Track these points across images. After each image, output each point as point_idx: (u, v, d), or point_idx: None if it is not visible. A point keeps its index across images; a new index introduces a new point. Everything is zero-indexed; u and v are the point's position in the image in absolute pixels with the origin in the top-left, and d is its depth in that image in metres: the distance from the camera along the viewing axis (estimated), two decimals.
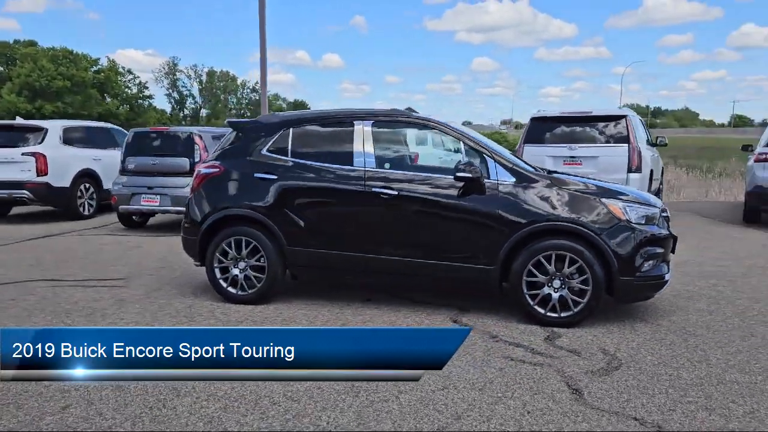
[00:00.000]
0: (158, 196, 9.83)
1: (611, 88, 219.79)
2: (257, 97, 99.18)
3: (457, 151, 5.57)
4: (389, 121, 5.71)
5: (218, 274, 5.82)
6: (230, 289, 5.80)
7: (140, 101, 66.62)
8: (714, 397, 3.80)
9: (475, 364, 4.30)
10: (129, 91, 65.24)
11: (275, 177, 5.68)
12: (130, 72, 66.36)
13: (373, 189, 5.42)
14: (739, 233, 10.34)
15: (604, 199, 5.13)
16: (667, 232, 5.29)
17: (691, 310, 5.62)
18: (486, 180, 5.23)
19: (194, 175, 6.05)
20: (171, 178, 9.82)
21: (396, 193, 5.37)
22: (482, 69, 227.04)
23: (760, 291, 6.38)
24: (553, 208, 5.10)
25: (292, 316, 5.41)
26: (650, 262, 5.10)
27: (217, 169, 5.89)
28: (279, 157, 5.76)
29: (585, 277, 5.02)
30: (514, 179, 5.23)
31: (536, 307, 5.14)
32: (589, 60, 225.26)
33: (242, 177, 5.79)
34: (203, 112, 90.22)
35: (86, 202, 11.81)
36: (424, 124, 5.68)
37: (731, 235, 10.24)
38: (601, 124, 10.23)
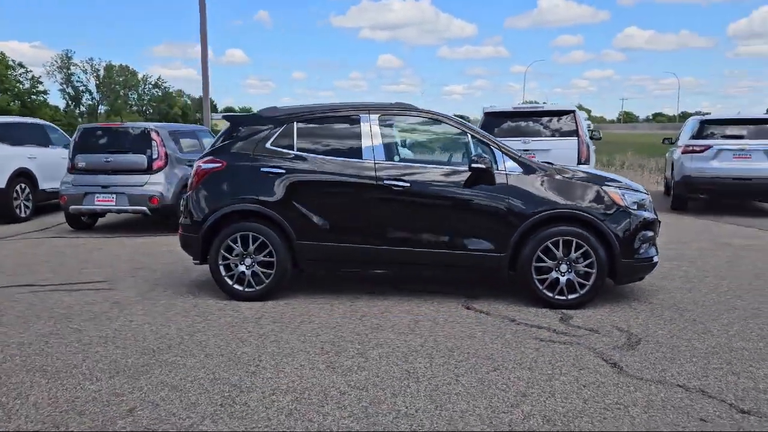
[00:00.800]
0: (114, 195, 9.40)
1: (511, 87, 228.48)
2: (160, 93, 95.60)
3: (464, 143, 5.75)
4: (395, 114, 5.82)
5: (223, 272, 5.72)
6: (236, 286, 5.71)
7: (33, 97, 62.44)
8: (733, 362, 4.20)
9: (511, 346, 4.51)
10: (21, 86, 60.98)
11: (283, 171, 5.65)
12: (21, 65, 62.11)
13: (385, 181, 5.51)
14: (672, 220, 11.17)
15: (604, 187, 5.49)
16: (655, 216, 5.73)
17: (672, 289, 6.11)
18: (495, 171, 5.46)
19: (193, 171, 5.89)
20: (128, 176, 9.41)
21: (408, 185, 5.50)
22: (387, 66, 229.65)
23: (720, 269, 7.02)
24: (560, 196, 5.40)
25: (308, 311, 5.42)
26: (645, 245, 5.52)
27: (219, 164, 5.77)
28: (285, 151, 5.73)
29: (590, 260, 5.36)
30: (521, 169, 5.49)
31: (545, 290, 5.42)
32: (490, 59, 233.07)
33: (247, 172, 5.71)
34: (101, 108, 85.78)
35: (22, 204, 11.08)
36: (430, 117, 5.84)
37: (666, 221, 11.05)
38: (550, 119, 10.77)
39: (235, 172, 5.74)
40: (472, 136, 5.63)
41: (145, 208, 9.37)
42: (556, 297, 5.42)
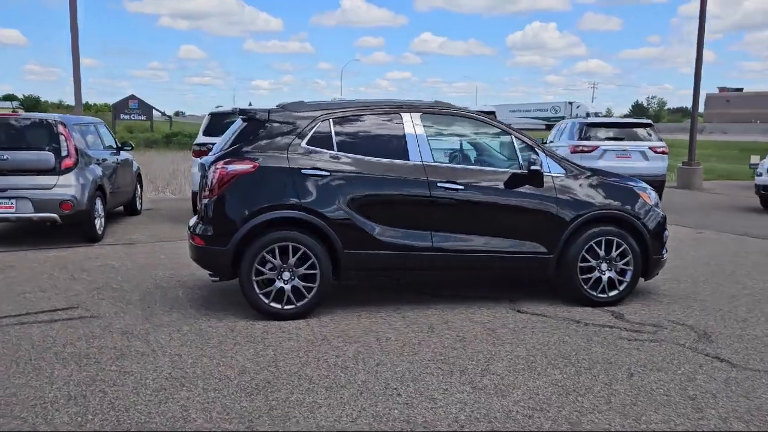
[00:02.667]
0: (13, 201, 7.76)
1: (317, 83, 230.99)
2: None
3: (507, 144, 5.62)
4: (437, 114, 5.51)
5: (257, 289, 5.00)
6: (274, 304, 5.03)
7: None
8: None
9: (610, 348, 4.50)
10: None
11: (326, 173, 5.08)
12: None
13: (438, 184, 5.22)
14: None
15: (634, 187, 5.73)
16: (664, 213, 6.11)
17: (671, 281, 6.49)
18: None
19: (215, 174, 5.04)
20: (31, 177, 7.83)
21: (462, 187, 5.26)
22: (190, 57, 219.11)
23: (684, 258, 7.69)
24: (602, 197, 5.52)
25: (365, 326, 4.94)
26: (665, 242, 5.87)
27: (250, 166, 5.02)
28: (324, 150, 5.16)
29: (627, 258, 5.56)
30: (564, 171, 5.53)
31: (589, 290, 5.52)
32: (296, 55, 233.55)
33: (284, 174, 5.04)
34: None
35: None
36: (471, 118, 5.63)
37: None
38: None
39: (270, 175, 5.03)
40: (516, 138, 5.53)
41: (54, 215, 7.88)
42: (599, 295, 5.54)
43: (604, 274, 5.53)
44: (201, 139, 9.80)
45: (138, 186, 11.02)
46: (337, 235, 5.04)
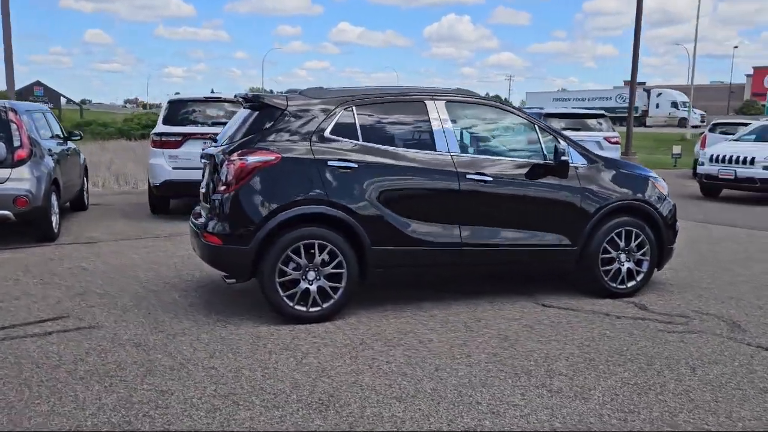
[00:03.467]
0: None
1: (233, 72, 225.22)
2: None
3: (530, 134, 5.44)
4: (461, 102, 5.26)
5: (281, 291, 4.61)
6: (299, 307, 4.65)
7: None
8: None
9: (653, 341, 4.44)
10: None
11: (354, 165, 4.74)
12: None
13: (468, 176, 4.99)
14: None
15: (648, 176, 5.71)
16: None
17: (668, 270, 6.39)
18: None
19: (233, 166, 4.58)
20: None
21: (491, 178, 5.05)
22: (96, 42, 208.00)
23: None
24: (621, 187, 5.47)
25: (402, 327, 4.65)
26: (677, 231, 5.90)
27: (273, 157, 4.60)
28: (348, 140, 4.81)
29: (645, 249, 5.54)
30: (586, 162, 5.43)
31: (609, 281, 5.47)
32: (210, 42, 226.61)
33: (309, 166, 4.66)
34: None
35: None
36: (494, 106, 5.43)
37: None
38: None
39: (294, 167, 4.64)
40: (540, 128, 5.38)
41: (7, 212, 7.07)
42: (618, 287, 5.50)
43: (623, 266, 5.49)
44: (161, 128, 9.10)
45: (85, 179, 10.16)
46: (365, 231, 4.72)
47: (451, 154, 5.01)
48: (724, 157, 13.13)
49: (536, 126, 5.37)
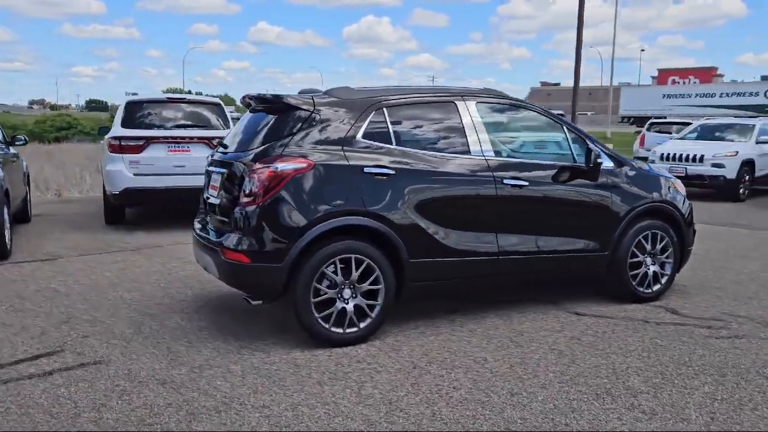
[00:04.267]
0: None
1: (147, 71, 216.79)
2: None
3: (559, 136, 5.18)
4: (490, 102, 4.95)
5: (316, 312, 4.15)
6: (335, 329, 4.20)
7: None
8: None
9: (706, 349, 4.27)
10: None
11: (392, 172, 4.33)
12: None
13: (504, 181, 4.69)
14: None
15: (668, 177, 5.61)
16: None
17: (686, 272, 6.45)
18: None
19: (260, 175, 4.06)
20: None
21: (526, 183, 4.77)
22: None
23: None
24: (646, 189, 5.32)
25: (445, 345, 4.29)
26: (695, 232, 5.82)
27: (305, 164, 4.13)
28: (382, 145, 4.40)
29: (669, 251, 5.43)
30: (612, 164, 5.24)
31: (637, 286, 5.31)
32: (122, 41, 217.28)
33: (343, 173, 4.22)
34: None
35: None
36: (523, 106, 5.14)
37: None
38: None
39: (328, 175, 4.18)
40: (568, 129, 5.14)
41: None
42: (645, 291, 5.35)
43: (649, 269, 5.35)
44: (119, 131, 8.30)
45: (28, 188, 9.19)
46: (403, 242, 4.33)
47: (486, 158, 4.69)
48: (674, 155, 13.51)
49: (564, 127, 5.13)
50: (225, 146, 4.78)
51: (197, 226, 4.92)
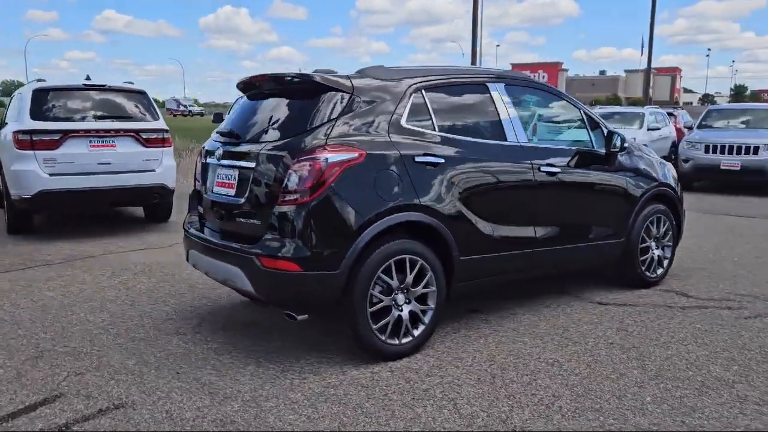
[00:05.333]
0: None
1: None
2: None
3: (579, 120, 4.97)
4: (517, 85, 4.62)
5: (372, 323, 3.64)
6: (391, 340, 3.72)
7: None
8: None
9: (745, 329, 4.31)
10: None
11: (441, 160, 3.90)
12: None
13: (541, 168, 4.42)
14: None
15: (663, 160, 5.64)
16: None
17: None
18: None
19: (307, 168, 3.45)
20: None
21: (558, 170, 4.54)
22: None
23: None
24: (650, 173, 5.29)
25: (508, 349, 3.95)
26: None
27: (356, 154, 3.58)
28: (426, 131, 3.95)
29: (669, 234, 5.47)
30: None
31: (645, 271, 5.30)
32: None
33: (395, 163, 3.71)
34: None
35: None
36: (546, 90, 4.89)
37: None
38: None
39: (380, 165, 3.66)
40: (585, 113, 4.97)
41: None
42: (651, 275, 5.35)
43: (654, 253, 5.35)
44: (30, 124, 7.04)
45: None
46: (454, 239, 3.92)
47: (521, 143, 4.40)
48: None
49: (581, 111, 4.96)
50: (233, 135, 4.06)
51: (198, 228, 4.19)
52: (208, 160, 4.23)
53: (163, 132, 7.70)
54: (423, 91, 4.02)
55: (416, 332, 3.82)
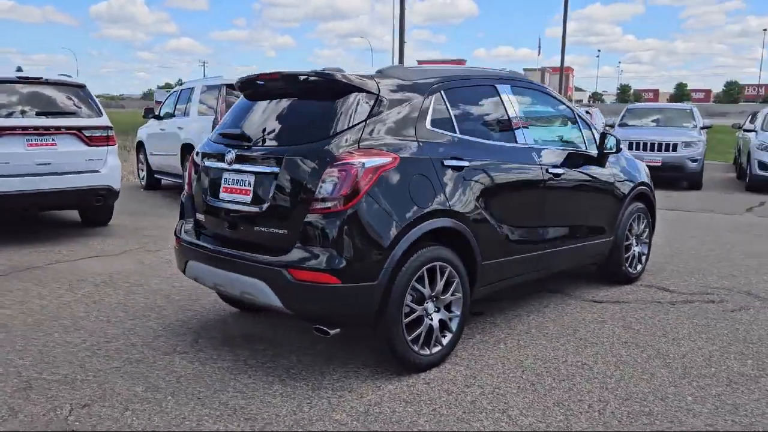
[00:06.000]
0: None
1: None
2: None
3: (571, 121, 4.99)
4: (520, 87, 4.57)
5: (406, 334, 3.48)
6: (423, 351, 3.58)
7: None
8: None
9: (739, 322, 4.51)
10: None
11: (466, 164, 3.79)
12: None
13: (549, 170, 4.41)
14: None
15: (637, 159, 5.81)
16: None
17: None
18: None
19: (341, 174, 3.21)
20: None
21: (563, 171, 4.55)
22: None
23: None
24: (631, 172, 5.43)
25: (532, 354, 3.91)
26: None
27: (390, 158, 3.39)
28: (447, 133, 3.82)
29: (646, 231, 5.65)
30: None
31: (628, 267, 5.45)
32: None
33: (426, 167, 3.56)
34: None
35: None
36: (544, 91, 4.87)
37: None
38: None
39: (412, 170, 3.49)
40: (577, 114, 5.01)
41: None
42: (633, 272, 5.51)
43: (635, 250, 5.51)
44: None
45: None
46: (477, 243, 3.83)
47: (529, 145, 4.37)
48: None
49: (574, 112, 5.00)
50: (244, 138, 3.75)
51: (197, 237, 3.86)
52: (208, 163, 3.89)
53: (107, 129, 7.11)
54: (442, 92, 3.89)
55: (444, 341, 3.70)
